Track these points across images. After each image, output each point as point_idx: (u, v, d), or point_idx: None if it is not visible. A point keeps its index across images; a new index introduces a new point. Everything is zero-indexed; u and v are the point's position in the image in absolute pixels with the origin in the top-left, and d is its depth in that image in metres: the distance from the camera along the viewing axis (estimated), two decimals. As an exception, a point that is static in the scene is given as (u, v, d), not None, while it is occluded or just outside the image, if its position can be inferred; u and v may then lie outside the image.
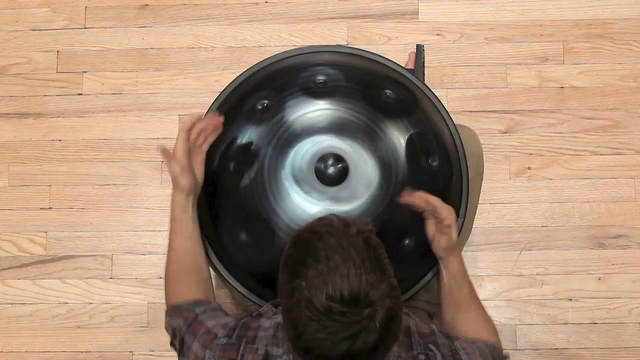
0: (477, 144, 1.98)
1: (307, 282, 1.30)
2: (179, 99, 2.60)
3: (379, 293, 1.29)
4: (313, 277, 1.30)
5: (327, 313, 1.28)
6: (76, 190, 2.56)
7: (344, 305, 1.28)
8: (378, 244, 1.36)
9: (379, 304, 1.29)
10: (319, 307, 1.28)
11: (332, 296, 1.28)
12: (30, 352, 2.47)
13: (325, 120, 1.68)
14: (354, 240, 1.32)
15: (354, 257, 1.30)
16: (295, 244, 1.37)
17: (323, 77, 1.73)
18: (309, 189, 1.66)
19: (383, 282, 1.31)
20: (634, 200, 2.49)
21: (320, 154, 1.66)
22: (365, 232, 1.35)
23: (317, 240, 1.33)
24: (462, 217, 1.78)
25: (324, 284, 1.28)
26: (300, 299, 1.30)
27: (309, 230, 1.36)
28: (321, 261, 1.30)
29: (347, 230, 1.34)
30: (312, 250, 1.32)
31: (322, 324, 1.28)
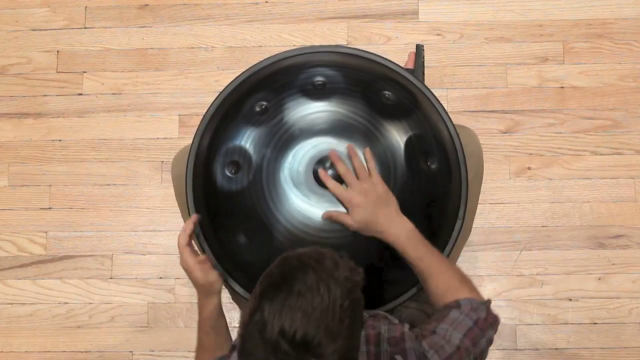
0: (477, 145, 1.97)
1: (271, 307, 1.27)
2: (179, 99, 2.60)
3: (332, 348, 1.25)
4: (278, 304, 1.26)
5: (274, 347, 1.25)
6: (76, 190, 2.56)
7: (291, 347, 1.24)
8: (358, 299, 1.32)
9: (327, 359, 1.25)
10: (269, 338, 1.25)
11: (284, 332, 1.24)
12: (30, 352, 2.47)
13: (324, 122, 1.68)
14: (334, 285, 1.28)
15: (326, 302, 1.26)
16: (280, 264, 1.34)
17: (322, 78, 1.72)
18: (307, 191, 1.65)
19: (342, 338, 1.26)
20: (634, 200, 2.49)
21: (319, 156, 1.66)
22: (352, 281, 1.31)
23: (300, 271, 1.30)
24: (461, 218, 1.77)
25: (283, 317, 1.25)
26: (258, 320, 1.27)
27: (298, 258, 1.33)
28: (292, 293, 1.27)
29: (334, 273, 1.30)
30: (291, 279, 1.29)
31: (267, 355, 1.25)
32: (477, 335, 1.54)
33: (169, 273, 2.49)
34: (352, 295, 1.30)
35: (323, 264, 1.31)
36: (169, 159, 2.54)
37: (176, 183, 1.96)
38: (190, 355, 1.86)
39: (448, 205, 1.75)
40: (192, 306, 2.45)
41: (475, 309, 1.56)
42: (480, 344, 1.54)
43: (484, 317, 1.56)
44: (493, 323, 1.58)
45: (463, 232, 1.81)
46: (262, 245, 1.68)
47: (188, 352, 2.42)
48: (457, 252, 1.99)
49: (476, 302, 1.57)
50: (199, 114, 2.51)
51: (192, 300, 2.45)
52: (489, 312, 1.58)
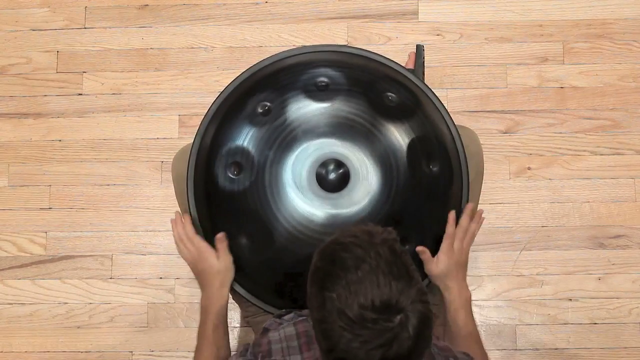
0: (477, 145, 1.97)
1: (338, 293, 1.30)
2: (179, 99, 2.60)
3: (409, 299, 1.30)
4: (343, 287, 1.30)
5: (360, 322, 1.29)
6: (76, 190, 2.56)
7: (375, 313, 1.28)
8: (403, 251, 1.37)
9: (410, 310, 1.30)
10: (352, 316, 1.29)
11: (364, 305, 1.29)
12: (30, 352, 2.47)
13: (327, 123, 1.68)
14: (379, 249, 1.33)
15: (382, 265, 1.31)
16: (322, 256, 1.37)
17: (324, 78, 1.72)
18: (309, 194, 1.65)
19: (412, 288, 1.31)
20: (633, 200, 2.49)
21: (321, 159, 1.66)
22: (389, 240, 1.36)
23: (343, 251, 1.34)
24: None
25: (355, 294, 1.29)
26: (332, 310, 1.31)
27: (334, 242, 1.37)
28: (350, 271, 1.31)
29: (372, 240, 1.35)
30: (340, 261, 1.33)
31: (355, 333, 1.29)
32: None
33: (169, 273, 2.49)
34: (396, 250, 1.36)
35: (358, 237, 1.36)
36: (169, 159, 2.53)
37: (176, 183, 1.96)
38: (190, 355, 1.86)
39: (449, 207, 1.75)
40: (192, 306, 2.45)
41: None
42: None
43: None
44: None
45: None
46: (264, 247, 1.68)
47: (188, 352, 2.42)
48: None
49: None
50: (199, 114, 2.51)
51: (192, 300, 2.45)
52: None
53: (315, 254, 1.39)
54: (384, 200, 1.66)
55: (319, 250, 1.39)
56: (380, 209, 1.66)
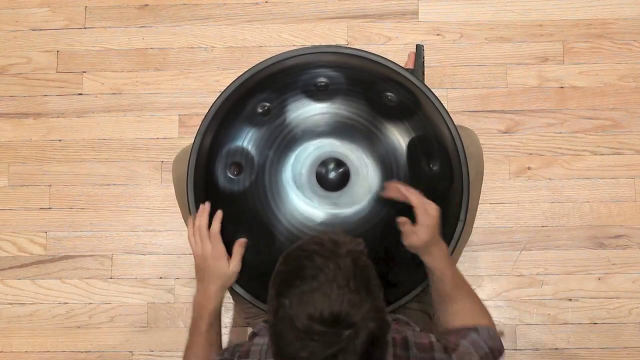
0: (477, 145, 1.97)
1: (291, 300, 1.31)
2: (179, 99, 2.60)
3: (360, 314, 1.29)
4: (296, 296, 1.30)
5: (308, 332, 1.28)
6: (76, 190, 2.56)
7: (323, 325, 1.28)
8: (367, 265, 1.36)
9: (360, 325, 1.29)
10: (300, 326, 1.29)
11: (312, 315, 1.28)
12: (30, 352, 2.47)
13: (326, 123, 1.68)
14: (341, 260, 1.32)
15: (339, 277, 1.30)
16: (284, 261, 1.37)
17: (324, 79, 1.72)
18: (309, 193, 1.65)
19: (367, 304, 1.30)
20: (633, 200, 2.49)
21: (321, 158, 1.66)
22: (354, 252, 1.35)
23: (305, 259, 1.34)
24: (462, 220, 1.78)
25: (306, 303, 1.29)
26: (283, 317, 1.31)
27: (299, 249, 1.37)
28: (306, 280, 1.31)
29: (336, 250, 1.34)
30: (299, 269, 1.33)
31: (303, 343, 1.29)
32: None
33: (169, 273, 2.49)
34: (360, 264, 1.34)
35: (324, 245, 1.36)
36: (169, 159, 2.53)
37: (177, 183, 1.96)
38: (190, 355, 1.87)
39: (450, 207, 1.75)
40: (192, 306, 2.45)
41: (492, 338, 1.61)
42: None
43: (498, 348, 1.61)
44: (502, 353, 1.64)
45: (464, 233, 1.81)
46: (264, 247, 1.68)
47: (188, 352, 2.42)
48: (458, 254, 2.00)
49: (493, 330, 1.63)
50: (199, 114, 2.51)
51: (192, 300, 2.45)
52: (501, 343, 1.64)
53: (280, 257, 1.39)
54: (384, 200, 1.66)
55: (284, 254, 1.39)
56: (381, 208, 1.66)
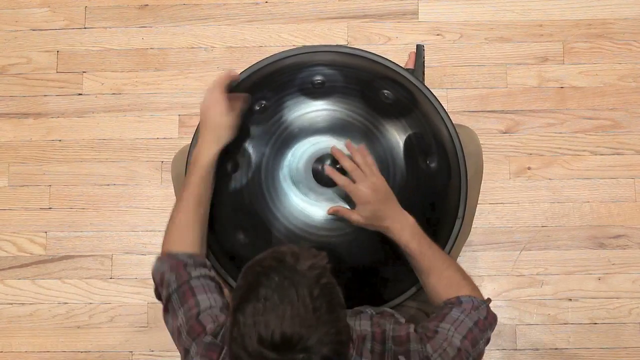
0: (476, 144, 1.97)
1: (244, 319, 1.26)
2: (179, 99, 2.61)
3: (315, 337, 1.24)
4: (250, 315, 1.26)
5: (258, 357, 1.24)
6: (76, 190, 2.56)
7: (274, 351, 1.23)
8: (328, 284, 1.31)
9: (314, 350, 1.24)
10: (251, 350, 1.24)
11: (263, 339, 1.24)
12: (30, 352, 2.47)
13: (323, 120, 1.68)
14: (299, 278, 1.27)
15: (293, 297, 1.25)
16: (244, 275, 1.33)
17: (321, 77, 1.72)
18: (306, 189, 1.66)
19: (324, 325, 1.25)
20: (633, 200, 2.49)
21: (317, 154, 1.66)
22: (316, 268, 1.30)
23: (262, 275, 1.29)
24: (460, 217, 1.77)
25: (257, 325, 1.24)
26: (237, 336, 1.27)
27: (259, 263, 1.32)
28: (259, 300, 1.26)
29: (296, 267, 1.29)
30: (255, 285, 1.28)
31: None
32: (477, 336, 1.55)
33: (168, 273, 2.49)
34: (321, 281, 1.30)
35: (283, 261, 1.30)
36: (169, 159, 2.54)
37: (176, 183, 1.96)
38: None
39: (448, 204, 1.75)
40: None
41: (476, 307, 1.57)
42: (479, 346, 1.56)
43: (485, 317, 1.57)
44: (492, 323, 1.59)
45: (463, 231, 1.81)
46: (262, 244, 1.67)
47: (188, 352, 2.42)
48: (457, 252, 1.99)
49: (477, 300, 1.59)
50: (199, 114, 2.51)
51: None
52: (489, 311, 1.59)
53: (242, 269, 1.34)
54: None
55: (245, 267, 1.34)
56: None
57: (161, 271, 1.61)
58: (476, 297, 1.59)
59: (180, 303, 1.56)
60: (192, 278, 1.58)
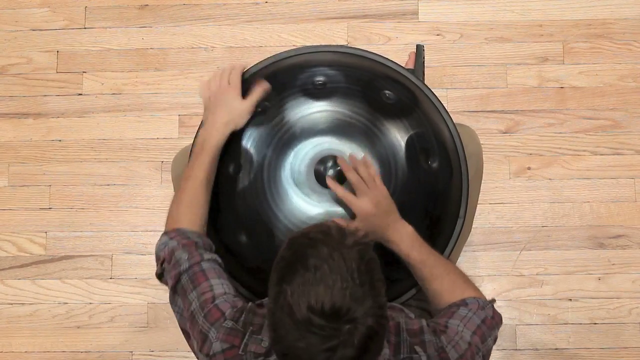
0: (477, 144, 1.97)
1: (292, 288, 1.28)
2: (179, 99, 2.61)
3: (362, 310, 1.27)
4: (298, 284, 1.27)
5: (307, 324, 1.26)
6: (76, 190, 2.56)
7: (323, 319, 1.25)
8: (372, 259, 1.33)
9: (360, 321, 1.26)
10: (299, 317, 1.26)
11: (313, 307, 1.26)
12: (30, 352, 2.47)
13: (324, 121, 1.68)
14: (347, 252, 1.30)
15: (343, 269, 1.27)
16: (289, 246, 1.34)
17: (322, 77, 1.72)
18: (308, 191, 1.66)
19: (369, 299, 1.28)
20: (633, 200, 2.49)
21: (319, 156, 1.66)
22: (361, 244, 1.33)
23: (310, 247, 1.31)
24: (461, 217, 1.78)
25: (307, 294, 1.26)
26: (283, 304, 1.28)
27: (305, 235, 1.34)
28: (309, 270, 1.28)
29: (342, 241, 1.31)
30: (303, 256, 1.30)
31: (301, 334, 1.27)
32: (485, 333, 1.57)
33: (169, 273, 2.49)
34: (365, 257, 1.32)
35: (330, 234, 1.33)
36: (169, 159, 2.54)
37: (176, 183, 1.96)
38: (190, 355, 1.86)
39: (449, 204, 1.75)
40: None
41: (482, 307, 1.59)
42: (488, 343, 1.58)
43: (491, 316, 1.59)
44: (498, 322, 1.62)
45: (463, 231, 1.81)
46: (264, 245, 1.68)
47: (188, 352, 2.41)
48: (458, 252, 2.00)
49: (482, 301, 1.61)
50: (199, 114, 2.51)
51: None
52: (495, 311, 1.62)
53: (286, 241, 1.36)
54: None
55: (289, 239, 1.36)
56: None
57: (171, 247, 1.60)
58: (481, 297, 1.61)
59: (193, 285, 1.56)
60: (204, 260, 1.58)
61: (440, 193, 1.72)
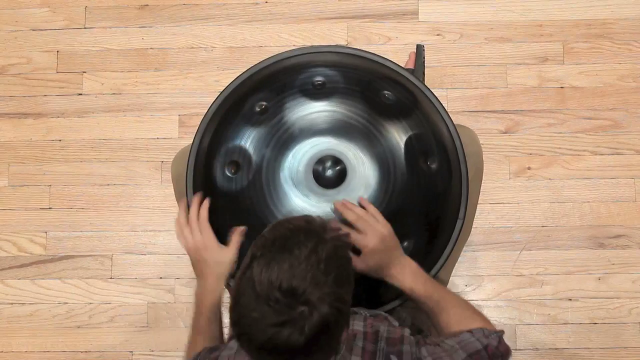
0: (477, 144, 1.97)
1: (260, 264, 1.31)
2: (179, 99, 2.61)
3: (318, 294, 1.29)
4: (267, 261, 1.31)
5: (264, 296, 1.29)
6: (76, 190, 2.56)
7: (280, 294, 1.29)
8: (345, 257, 1.36)
9: (316, 305, 1.29)
10: (259, 289, 1.30)
11: (272, 282, 1.29)
12: (30, 352, 2.47)
13: (323, 122, 1.68)
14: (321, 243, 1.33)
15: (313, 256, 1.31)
16: (272, 228, 1.38)
17: (322, 78, 1.72)
18: (307, 191, 1.66)
19: (328, 287, 1.30)
20: (633, 200, 2.49)
21: (318, 156, 1.66)
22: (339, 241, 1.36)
23: (289, 231, 1.35)
24: (461, 218, 1.77)
25: (271, 270, 1.30)
26: (249, 277, 1.32)
27: (288, 221, 1.38)
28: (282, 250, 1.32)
29: (322, 233, 1.35)
30: (281, 238, 1.34)
31: (258, 305, 1.29)
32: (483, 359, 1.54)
33: (169, 273, 2.49)
34: (339, 252, 1.35)
35: (311, 225, 1.36)
36: (169, 159, 2.54)
37: (176, 183, 1.96)
38: (190, 355, 1.87)
39: (448, 205, 1.75)
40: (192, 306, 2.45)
41: (487, 336, 1.56)
42: None
43: (495, 345, 1.55)
44: (504, 353, 1.57)
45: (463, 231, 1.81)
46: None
47: (188, 352, 2.42)
48: (458, 252, 2.00)
49: (489, 330, 1.58)
50: (199, 114, 2.51)
51: (192, 300, 2.45)
52: (501, 341, 1.58)
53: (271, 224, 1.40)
54: (382, 197, 1.66)
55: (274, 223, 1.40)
56: (378, 205, 1.66)
57: None
58: (487, 328, 1.59)
59: None
60: None
61: (439, 194, 1.72)
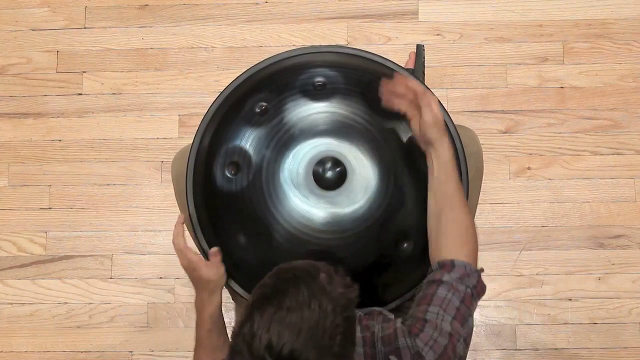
0: (477, 144, 1.97)
1: (260, 320, 1.26)
2: (179, 99, 2.61)
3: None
4: (267, 318, 1.26)
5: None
6: (76, 190, 2.56)
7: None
8: (351, 317, 1.31)
9: None
10: (256, 352, 1.24)
11: (272, 347, 1.24)
12: (30, 352, 2.47)
13: (324, 122, 1.68)
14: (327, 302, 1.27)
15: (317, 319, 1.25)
16: (274, 276, 1.33)
17: (322, 78, 1.72)
18: (307, 192, 1.66)
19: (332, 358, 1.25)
20: (633, 200, 2.49)
21: (318, 157, 1.66)
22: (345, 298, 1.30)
23: (292, 285, 1.29)
24: None
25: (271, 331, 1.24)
26: (246, 332, 1.27)
27: (292, 270, 1.32)
28: (282, 308, 1.26)
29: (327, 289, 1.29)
30: (282, 292, 1.28)
31: None
32: (464, 314, 1.52)
33: (169, 273, 2.49)
34: (345, 313, 1.29)
35: (317, 278, 1.30)
36: (169, 159, 2.54)
37: (176, 183, 1.96)
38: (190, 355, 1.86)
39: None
40: (192, 306, 2.43)
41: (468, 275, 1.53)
42: (468, 323, 1.53)
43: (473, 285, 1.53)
44: (479, 293, 1.56)
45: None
46: (262, 246, 1.68)
47: (188, 352, 2.41)
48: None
49: (470, 268, 1.55)
50: (199, 114, 2.51)
51: (192, 300, 2.44)
52: (479, 280, 1.56)
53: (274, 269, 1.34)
54: (382, 198, 1.66)
55: (277, 267, 1.34)
56: (379, 206, 1.66)
57: None
58: (470, 264, 1.55)
59: None
60: None
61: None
